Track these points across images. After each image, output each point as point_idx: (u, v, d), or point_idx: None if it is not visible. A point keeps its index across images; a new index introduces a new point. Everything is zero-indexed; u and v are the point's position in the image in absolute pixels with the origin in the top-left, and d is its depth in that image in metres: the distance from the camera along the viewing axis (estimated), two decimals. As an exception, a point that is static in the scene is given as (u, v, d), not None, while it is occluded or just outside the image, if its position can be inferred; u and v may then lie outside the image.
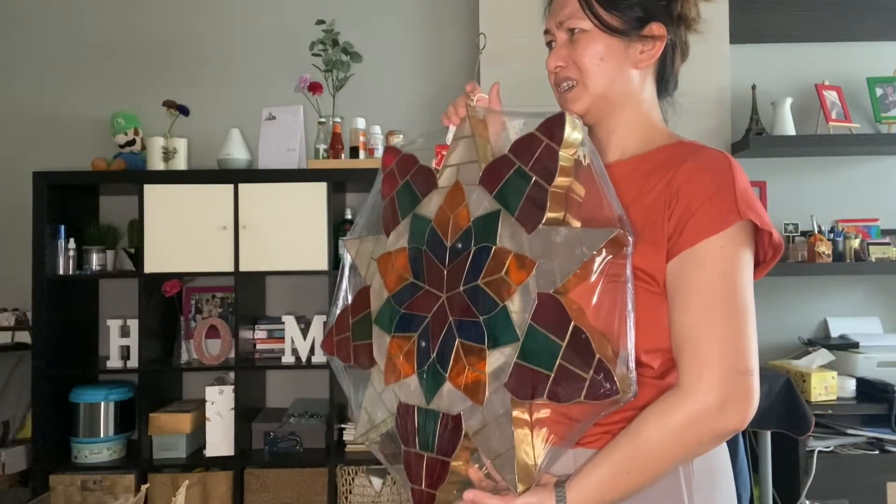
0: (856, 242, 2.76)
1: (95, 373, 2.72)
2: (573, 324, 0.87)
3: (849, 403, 2.51)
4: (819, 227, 2.84)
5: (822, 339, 2.84)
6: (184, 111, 2.74)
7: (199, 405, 2.65)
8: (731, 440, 1.05)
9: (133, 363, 2.59)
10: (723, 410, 0.90)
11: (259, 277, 2.85)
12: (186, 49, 2.99)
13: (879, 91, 2.89)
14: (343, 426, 2.64)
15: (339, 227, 2.69)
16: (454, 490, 1.00)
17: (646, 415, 0.93)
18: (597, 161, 0.93)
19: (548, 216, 0.92)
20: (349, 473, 2.53)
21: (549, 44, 1.11)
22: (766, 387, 2.23)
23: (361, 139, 2.74)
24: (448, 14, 3.03)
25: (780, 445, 2.48)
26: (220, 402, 2.57)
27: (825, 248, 2.71)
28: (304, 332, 2.65)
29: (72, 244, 2.62)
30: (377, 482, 2.49)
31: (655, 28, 1.06)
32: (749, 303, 0.94)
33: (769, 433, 2.47)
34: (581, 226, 0.92)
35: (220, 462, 2.55)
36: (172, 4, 3.01)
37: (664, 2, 1.06)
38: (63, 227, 2.61)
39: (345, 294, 1.21)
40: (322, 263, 2.55)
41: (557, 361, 0.87)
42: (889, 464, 2.45)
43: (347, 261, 1.22)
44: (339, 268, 1.23)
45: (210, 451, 2.56)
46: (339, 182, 2.65)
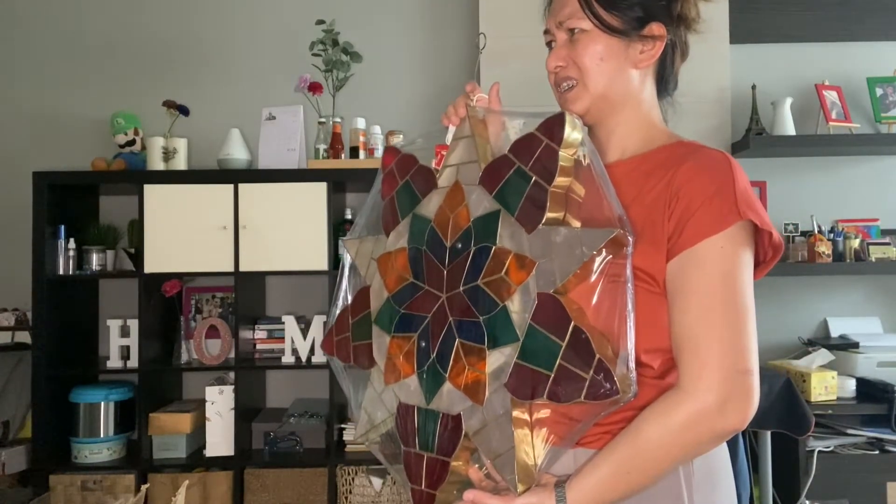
0: (856, 242, 2.76)
1: (95, 373, 2.72)
2: (573, 324, 0.87)
3: (849, 403, 2.51)
4: (819, 227, 2.84)
5: (822, 339, 2.84)
6: (184, 111, 2.74)
7: (199, 405, 2.65)
8: (731, 440, 1.05)
9: (133, 363, 2.59)
10: (723, 410, 0.90)
11: (259, 277, 2.85)
12: (186, 49, 2.99)
13: (879, 91, 2.89)
14: (343, 426, 2.64)
15: (339, 227, 2.69)
16: (454, 490, 1.00)
17: (646, 415, 0.93)
18: (597, 161, 0.93)
19: (548, 216, 0.92)
20: (349, 473, 2.53)
21: (549, 44, 1.11)
22: (766, 387, 2.23)
23: (361, 139, 2.74)
24: (448, 14, 3.03)
25: (780, 445, 2.48)
26: (220, 402, 2.57)
27: (825, 248, 2.71)
28: (304, 332, 2.65)
29: (72, 244, 2.62)
30: (377, 482, 2.49)
31: (655, 28, 1.06)
32: (749, 303, 0.94)
33: (769, 433, 2.47)
34: (581, 226, 0.92)
35: (220, 462, 2.55)
36: (172, 4, 3.01)
37: (664, 2, 1.06)
38: (63, 227, 2.61)
39: (345, 294, 1.21)
40: (322, 263, 2.55)
41: (557, 361, 0.87)
42: (889, 464, 2.45)
43: (347, 261, 1.22)
44: (339, 268, 1.23)
45: (210, 451, 2.56)
46: (339, 182, 2.65)
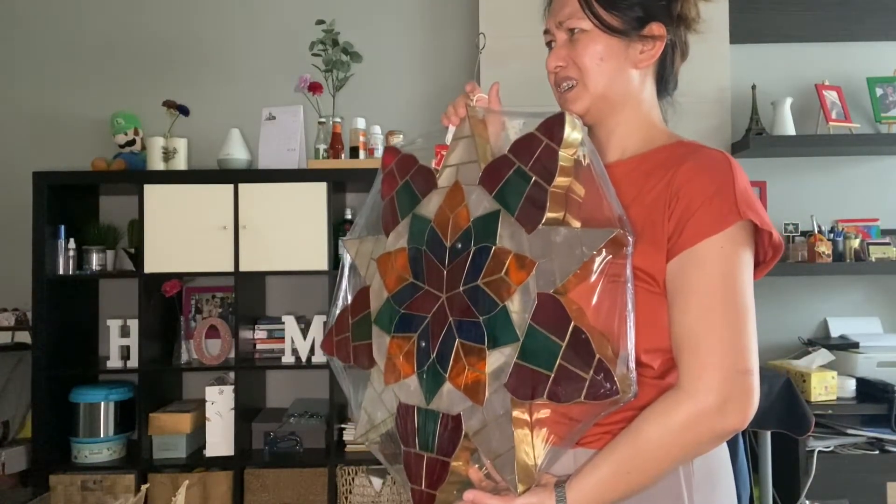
0: (856, 242, 2.76)
1: (95, 373, 2.72)
2: (573, 324, 0.87)
3: (849, 403, 2.51)
4: (819, 227, 2.84)
5: (822, 339, 2.84)
6: (184, 111, 2.74)
7: (199, 405, 2.65)
8: (731, 440, 1.05)
9: (133, 363, 2.59)
10: (723, 410, 0.90)
11: (259, 277, 2.85)
12: (186, 49, 2.99)
13: (879, 91, 2.88)
14: (343, 426, 2.64)
15: (339, 227, 2.69)
16: (454, 490, 1.00)
17: (646, 415, 0.93)
18: (597, 161, 0.93)
19: (548, 216, 0.92)
20: (349, 473, 2.53)
21: (549, 44, 1.11)
22: (766, 387, 2.23)
23: (361, 139, 2.74)
24: (448, 14, 3.03)
25: (780, 445, 2.48)
26: (220, 402, 2.57)
27: (825, 248, 2.71)
28: (304, 332, 2.65)
29: (72, 244, 2.62)
30: (377, 482, 2.49)
31: (655, 28, 1.06)
32: (749, 303, 0.94)
33: (769, 433, 2.47)
34: (581, 226, 0.92)
35: (220, 462, 2.55)
36: (172, 4, 3.01)
37: (664, 2, 1.06)
38: (63, 227, 2.61)
39: (344, 294, 1.21)
40: (322, 263, 2.55)
41: (557, 361, 0.87)
42: (889, 464, 2.45)
43: (347, 261, 1.22)
44: (339, 268, 1.23)
45: (210, 451, 2.56)
46: (339, 182, 2.65)
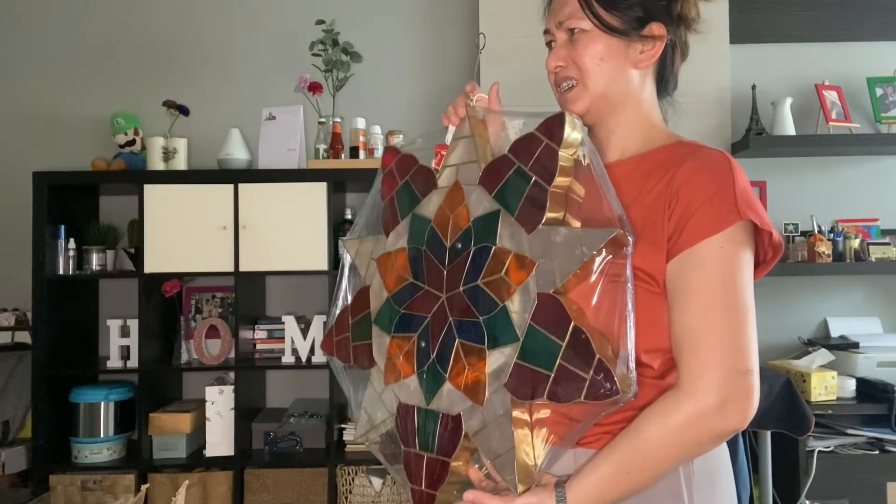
0: (856, 242, 2.76)
1: (95, 373, 2.72)
2: (573, 324, 0.87)
3: (849, 403, 2.51)
4: (819, 227, 2.84)
5: (822, 339, 2.84)
6: (184, 111, 2.74)
7: (199, 405, 2.65)
8: (731, 440, 1.05)
9: (133, 363, 2.59)
10: (723, 410, 0.90)
11: (259, 277, 2.85)
12: (186, 49, 2.99)
13: (879, 91, 2.88)
14: (343, 426, 2.64)
15: (339, 227, 2.69)
16: (454, 490, 1.00)
17: (646, 415, 0.93)
18: (597, 161, 0.93)
19: (548, 216, 0.92)
20: (349, 473, 2.53)
21: (549, 44, 1.11)
22: (766, 387, 2.23)
23: (361, 139, 2.74)
24: (448, 14, 3.03)
25: (780, 445, 2.48)
26: (220, 402, 2.57)
27: (825, 248, 2.71)
28: (304, 332, 2.65)
29: (72, 244, 2.62)
30: (377, 482, 2.49)
31: (655, 28, 1.06)
32: (749, 303, 0.94)
33: (769, 433, 2.47)
34: (581, 226, 0.92)
35: (220, 462, 2.55)
36: (172, 4, 3.00)
37: (664, 2, 1.06)
38: (63, 227, 2.61)
39: (344, 294, 1.21)
40: (322, 263, 2.55)
41: (557, 361, 0.87)
42: (889, 464, 2.45)
43: (347, 261, 1.22)
44: (339, 268, 1.23)
45: (210, 451, 2.56)
46: (339, 182, 2.65)
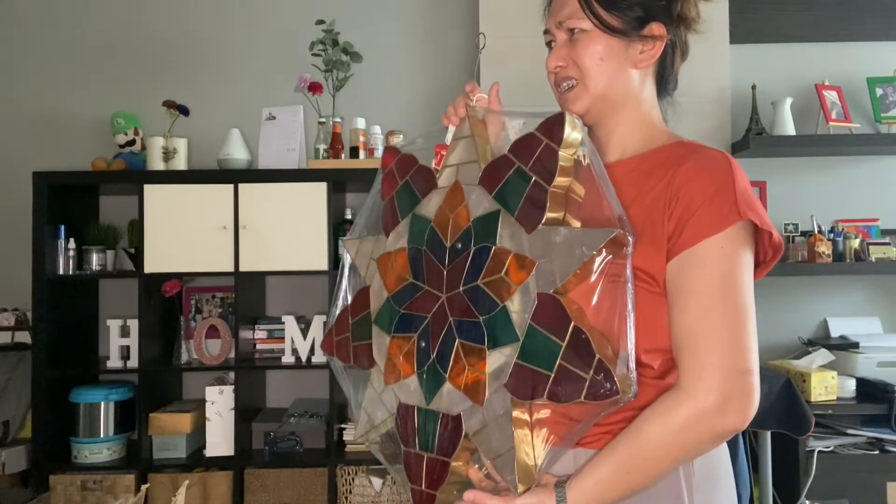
0: (856, 242, 2.76)
1: (95, 373, 2.72)
2: (573, 324, 0.87)
3: (849, 403, 2.51)
4: (819, 227, 2.83)
5: (822, 339, 2.84)
6: (184, 111, 2.74)
7: (199, 405, 2.65)
8: (731, 440, 1.05)
9: (133, 363, 2.59)
10: (723, 410, 0.90)
11: (259, 277, 2.85)
12: (186, 49, 2.99)
13: (879, 91, 2.88)
14: (343, 426, 2.64)
15: (339, 227, 2.69)
16: (454, 490, 1.00)
17: (646, 415, 0.93)
18: (597, 161, 0.93)
19: (548, 216, 0.92)
20: (349, 473, 2.53)
21: (549, 44, 1.11)
22: (766, 387, 2.23)
23: (361, 139, 2.74)
24: (448, 14, 3.03)
25: (780, 445, 2.48)
26: (220, 402, 2.57)
27: (825, 248, 2.71)
28: (304, 332, 2.65)
29: (72, 244, 2.62)
30: (377, 482, 2.49)
31: (655, 28, 1.06)
32: (749, 303, 0.94)
33: (769, 433, 2.46)
34: (581, 226, 0.92)
35: (220, 462, 2.55)
36: (172, 4, 3.00)
37: (664, 2, 1.06)
38: (63, 227, 2.61)
39: (344, 294, 1.21)
40: (322, 263, 2.55)
41: (557, 362, 0.87)
42: (889, 464, 2.45)
43: (347, 261, 1.22)
44: (339, 268, 1.23)
45: (210, 451, 2.56)
46: (339, 182, 2.65)
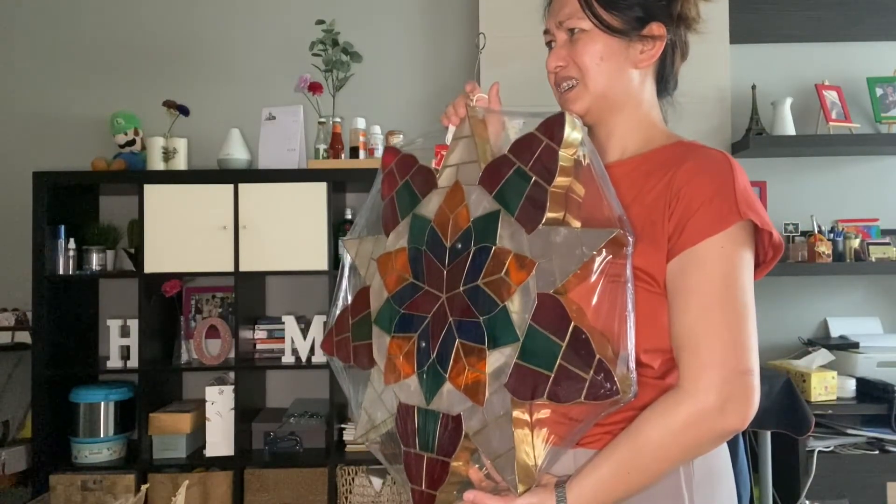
0: (856, 242, 2.76)
1: (95, 373, 2.72)
2: (573, 324, 0.87)
3: (849, 403, 2.51)
4: (819, 227, 2.83)
5: (822, 339, 2.84)
6: (184, 111, 2.74)
7: (199, 405, 2.65)
8: (731, 440, 1.04)
9: (133, 363, 2.59)
10: (723, 410, 0.90)
11: (259, 277, 2.85)
12: (186, 49, 2.99)
13: (879, 91, 2.88)
14: (343, 426, 2.64)
15: (339, 227, 2.69)
16: (454, 490, 1.00)
17: (646, 415, 0.93)
18: (597, 161, 0.93)
19: (548, 216, 0.92)
20: (349, 473, 2.53)
21: (549, 44, 1.11)
22: (766, 387, 2.23)
23: (361, 139, 2.74)
24: (448, 14, 3.03)
25: (780, 445, 2.48)
26: (220, 402, 2.57)
27: (825, 248, 2.71)
28: (304, 332, 2.65)
29: (72, 244, 2.62)
30: (377, 482, 2.49)
31: (655, 28, 1.06)
32: (749, 303, 0.94)
33: (769, 433, 2.47)
34: (581, 226, 0.92)
35: (220, 462, 2.55)
36: (172, 4, 3.00)
37: (664, 2, 1.06)
38: (63, 227, 2.60)
39: (345, 294, 1.21)
40: (322, 263, 2.55)
41: (557, 362, 0.87)
42: (889, 464, 2.45)
43: (347, 261, 1.22)
44: (339, 268, 1.23)
45: (210, 451, 2.56)
46: (339, 182, 2.65)
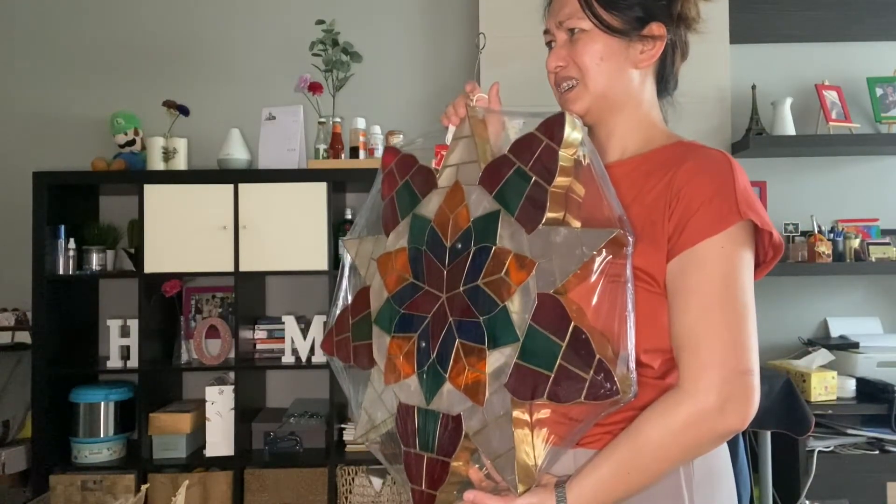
0: (856, 242, 2.76)
1: (95, 373, 2.72)
2: (573, 324, 0.87)
3: (849, 403, 2.51)
4: (819, 227, 2.83)
5: (822, 339, 2.84)
6: (184, 111, 2.74)
7: (199, 405, 2.65)
8: (731, 440, 1.04)
9: (133, 363, 2.59)
10: (723, 411, 0.90)
11: (259, 277, 2.85)
12: (186, 49, 2.99)
13: (879, 91, 2.88)
14: (343, 426, 2.64)
15: (339, 227, 2.69)
16: (454, 490, 1.00)
17: (646, 415, 0.93)
18: (597, 161, 0.93)
19: (548, 216, 0.92)
20: (349, 473, 2.53)
21: (549, 44, 1.11)
22: (766, 387, 2.23)
23: (361, 139, 2.74)
24: (448, 14, 3.03)
25: (780, 445, 2.48)
26: (220, 402, 2.57)
27: (825, 248, 2.71)
28: (304, 332, 2.65)
29: (72, 244, 2.62)
30: (377, 482, 2.49)
31: (655, 28, 1.06)
32: (749, 303, 0.94)
33: (769, 433, 2.47)
34: (581, 226, 0.92)
35: (220, 462, 2.55)
36: (172, 4, 3.00)
37: (664, 2, 1.06)
38: (63, 227, 2.60)
39: (345, 294, 1.21)
40: (322, 263, 2.55)
41: (557, 362, 0.87)
42: (889, 464, 2.45)
43: (347, 261, 1.22)
44: (339, 268, 1.23)
45: (210, 451, 2.56)
46: (339, 182, 2.65)
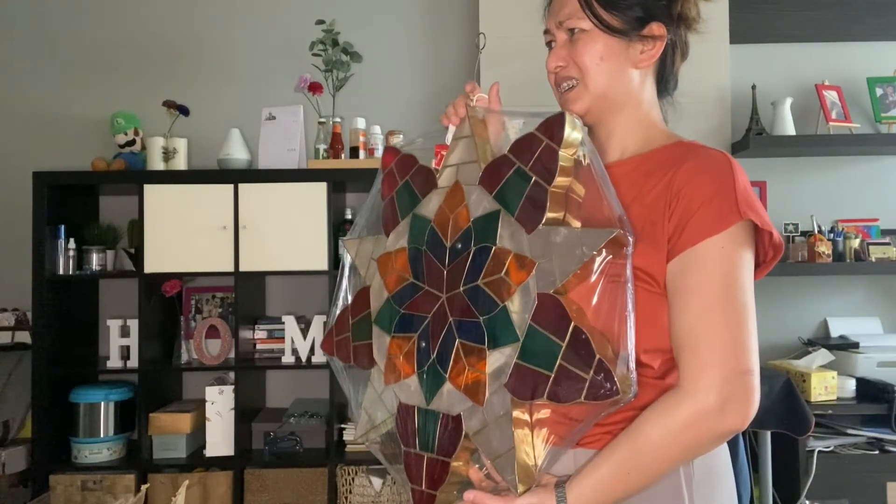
0: (856, 242, 2.76)
1: (95, 373, 2.72)
2: (573, 324, 0.87)
3: (849, 403, 2.51)
4: (819, 227, 2.84)
5: (822, 339, 2.84)
6: (184, 111, 2.74)
7: (199, 405, 2.65)
8: (731, 440, 1.04)
9: (133, 363, 2.59)
10: (723, 411, 0.90)
11: (259, 277, 2.85)
12: (186, 49, 2.99)
13: (879, 91, 2.88)
14: (343, 426, 2.64)
15: (339, 227, 2.69)
16: (454, 490, 1.00)
17: (646, 415, 0.93)
18: (597, 161, 0.93)
19: (548, 216, 0.92)
20: (349, 473, 2.53)
21: (549, 44, 1.11)
22: (766, 387, 2.23)
23: (361, 139, 2.74)
24: (448, 14, 3.03)
25: (780, 445, 2.48)
26: (220, 402, 2.57)
27: (825, 248, 2.71)
28: (304, 332, 2.65)
29: (72, 244, 2.62)
30: (377, 482, 2.49)
31: (655, 28, 1.06)
32: (749, 303, 0.94)
33: (769, 433, 2.47)
34: (581, 226, 0.92)
35: (220, 462, 2.55)
36: (172, 4, 3.00)
37: (664, 2, 1.06)
38: (63, 227, 2.60)
39: (345, 294, 1.21)
40: (322, 263, 2.55)
41: (557, 362, 0.87)
42: (889, 464, 2.45)
43: (347, 261, 1.22)
44: (339, 268, 1.23)
45: (210, 451, 2.56)
46: (339, 182, 2.65)
